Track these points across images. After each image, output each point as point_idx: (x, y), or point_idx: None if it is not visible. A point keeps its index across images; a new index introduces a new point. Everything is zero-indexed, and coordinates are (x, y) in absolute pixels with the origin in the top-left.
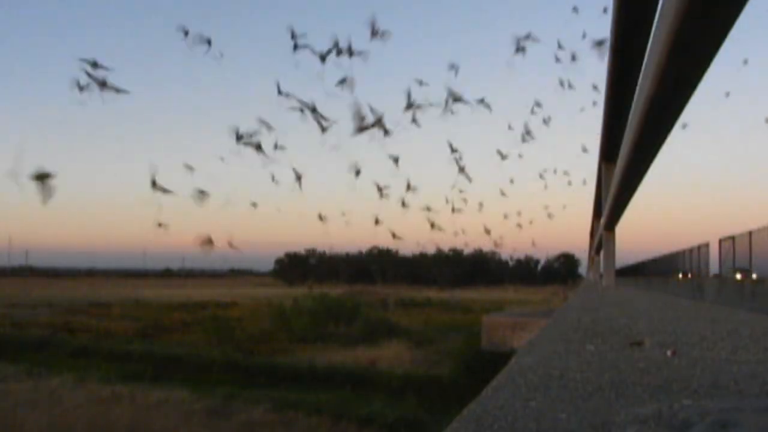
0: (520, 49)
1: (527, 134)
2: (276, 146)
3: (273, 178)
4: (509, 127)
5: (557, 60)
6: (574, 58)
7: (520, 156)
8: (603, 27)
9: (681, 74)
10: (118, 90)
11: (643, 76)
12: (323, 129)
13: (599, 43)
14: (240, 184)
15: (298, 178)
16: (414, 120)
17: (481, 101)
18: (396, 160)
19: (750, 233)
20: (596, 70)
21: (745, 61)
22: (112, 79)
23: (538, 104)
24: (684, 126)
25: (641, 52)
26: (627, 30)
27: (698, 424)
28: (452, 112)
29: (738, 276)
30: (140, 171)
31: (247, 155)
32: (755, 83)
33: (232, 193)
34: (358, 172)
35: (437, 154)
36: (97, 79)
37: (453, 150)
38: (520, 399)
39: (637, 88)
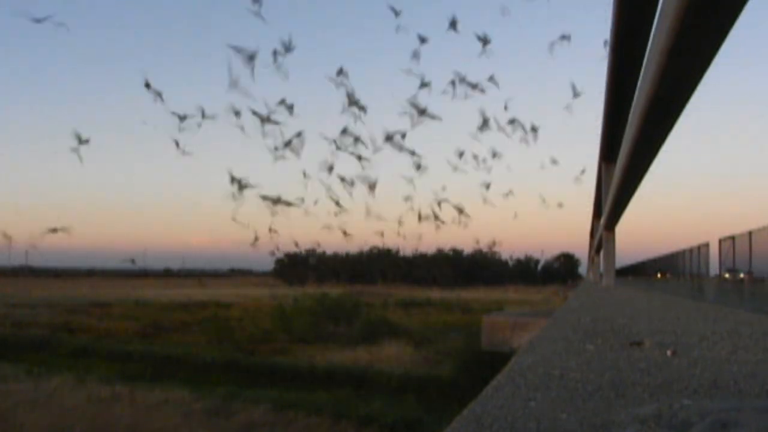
0: None
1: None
2: None
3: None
4: None
5: None
6: None
7: None
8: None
9: (681, 74)
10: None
11: (643, 76)
12: None
13: None
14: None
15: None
16: None
17: None
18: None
19: (750, 233)
20: None
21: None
22: None
23: None
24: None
25: (641, 52)
26: (627, 30)
27: (698, 424)
28: None
29: None
30: (140, 170)
31: None
32: (756, 83)
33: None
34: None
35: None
36: None
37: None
38: (520, 399)
39: (637, 88)
